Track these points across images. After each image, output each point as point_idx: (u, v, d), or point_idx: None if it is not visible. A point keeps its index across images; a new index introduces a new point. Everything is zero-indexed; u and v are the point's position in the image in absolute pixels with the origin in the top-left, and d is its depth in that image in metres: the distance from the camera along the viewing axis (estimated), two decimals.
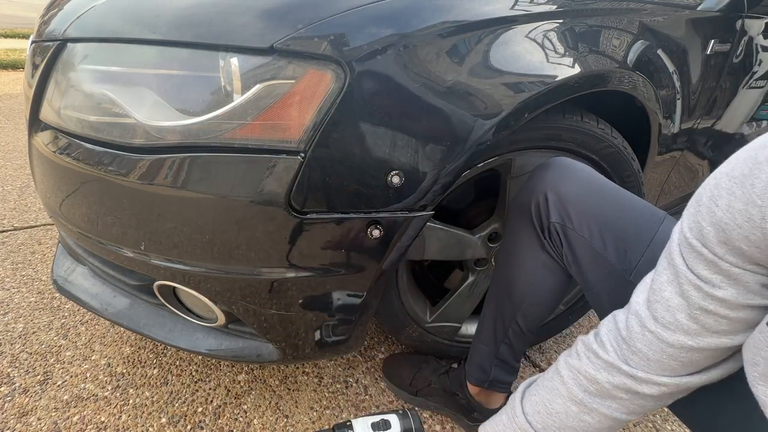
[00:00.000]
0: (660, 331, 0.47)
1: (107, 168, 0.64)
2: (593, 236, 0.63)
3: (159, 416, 0.90)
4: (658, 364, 0.49)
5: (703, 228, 0.42)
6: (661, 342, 0.48)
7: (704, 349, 0.46)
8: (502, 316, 0.79)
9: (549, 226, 0.68)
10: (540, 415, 0.58)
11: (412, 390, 0.97)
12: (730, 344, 0.45)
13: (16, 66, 4.06)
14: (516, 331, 0.79)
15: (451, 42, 0.62)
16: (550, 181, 0.67)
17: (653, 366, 0.49)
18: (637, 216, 0.62)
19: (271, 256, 0.64)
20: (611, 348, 0.53)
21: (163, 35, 0.61)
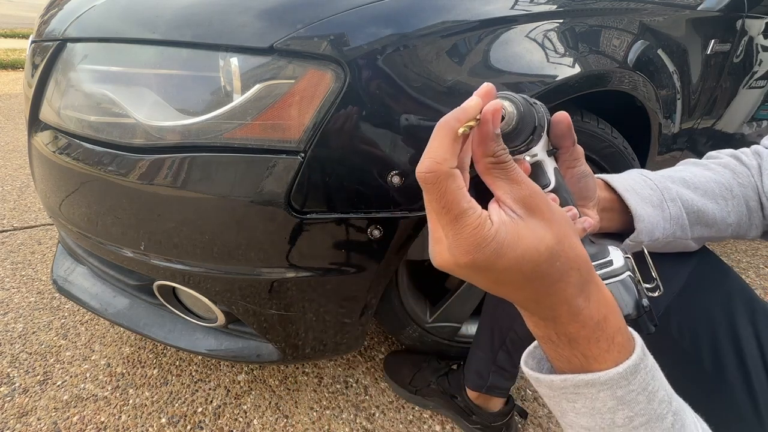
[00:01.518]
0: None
1: (107, 168, 0.64)
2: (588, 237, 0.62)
3: (159, 416, 0.90)
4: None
5: None
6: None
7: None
8: (499, 324, 0.79)
9: None
10: (673, 180, 0.52)
11: (412, 389, 0.97)
12: None
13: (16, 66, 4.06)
14: (514, 338, 0.79)
15: (451, 42, 0.62)
16: None
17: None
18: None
19: (271, 256, 0.64)
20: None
21: (163, 35, 0.60)
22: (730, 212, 0.52)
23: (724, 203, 0.52)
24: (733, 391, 0.50)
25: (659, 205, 0.50)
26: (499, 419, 0.88)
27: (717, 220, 0.52)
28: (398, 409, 0.97)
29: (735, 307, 0.54)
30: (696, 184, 0.52)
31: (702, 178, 0.53)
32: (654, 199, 0.50)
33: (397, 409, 0.97)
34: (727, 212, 0.52)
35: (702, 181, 0.52)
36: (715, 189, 0.52)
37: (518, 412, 0.93)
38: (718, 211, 0.52)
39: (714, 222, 0.52)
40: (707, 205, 0.51)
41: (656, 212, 0.50)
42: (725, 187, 0.52)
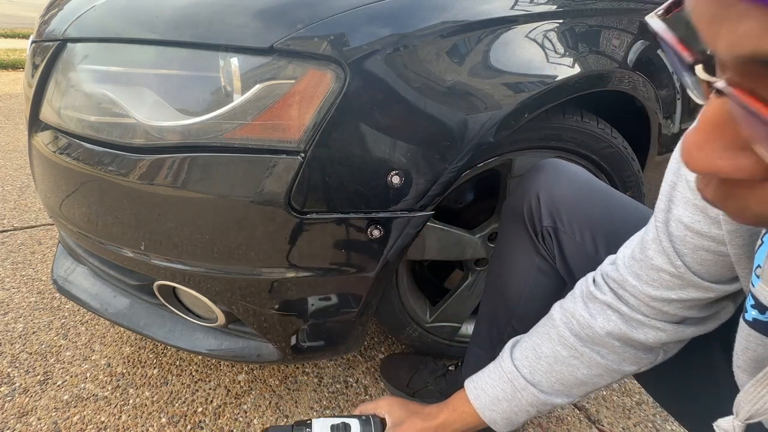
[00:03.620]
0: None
1: (107, 168, 0.64)
2: (584, 239, 0.63)
3: (159, 416, 0.90)
4: (652, 305, 0.48)
5: None
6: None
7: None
8: (497, 320, 0.79)
9: (542, 230, 0.67)
10: (528, 360, 0.57)
11: (410, 391, 0.97)
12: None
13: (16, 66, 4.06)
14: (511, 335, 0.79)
15: (451, 42, 0.62)
16: (542, 184, 0.67)
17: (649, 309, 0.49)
18: (629, 218, 0.62)
19: (271, 256, 0.64)
20: (608, 289, 0.52)
21: (163, 35, 0.61)
22: (591, 366, 0.53)
23: (577, 362, 0.54)
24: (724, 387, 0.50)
25: (513, 396, 0.57)
26: None
27: (583, 379, 0.54)
28: None
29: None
30: (545, 354, 0.55)
31: (548, 344, 0.56)
32: (506, 393, 0.57)
33: None
34: (588, 368, 0.54)
35: (550, 347, 0.55)
36: (561, 352, 0.54)
37: None
38: (577, 371, 0.54)
39: (583, 381, 0.55)
40: (561, 372, 0.55)
41: (513, 403, 0.57)
42: (568, 346, 0.54)
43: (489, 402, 0.58)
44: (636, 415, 0.99)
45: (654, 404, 1.02)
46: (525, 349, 0.58)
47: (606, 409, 1.00)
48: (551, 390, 0.56)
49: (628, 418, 0.98)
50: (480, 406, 0.58)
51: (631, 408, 1.01)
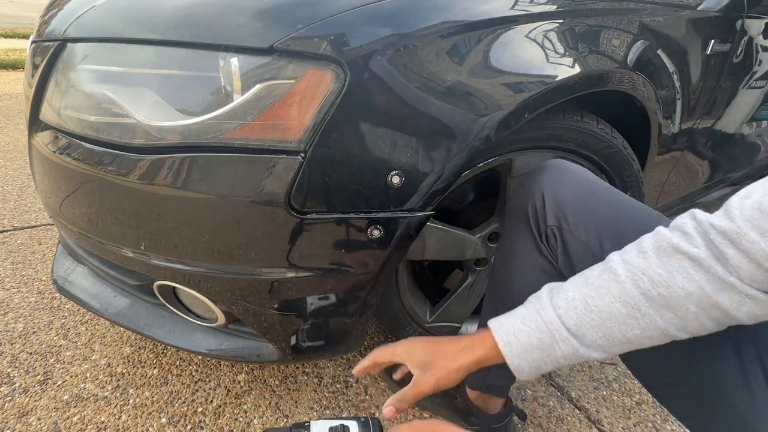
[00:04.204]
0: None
1: (107, 168, 0.64)
2: (590, 238, 0.62)
3: (159, 416, 0.90)
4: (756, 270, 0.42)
5: None
6: None
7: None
8: None
9: (546, 230, 0.67)
10: (576, 311, 0.51)
11: None
12: None
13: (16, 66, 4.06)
14: None
15: (451, 42, 0.62)
16: (546, 184, 0.66)
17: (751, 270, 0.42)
18: (634, 218, 0.62)
19: (271, 256, 0.64)
20: (702, 243, 0.46)
21: (163, 35, 0.61)
22: (645, 328, 0.48)
23: (634, 321, 0.49)
24: (730, 388, 0.50)
25: (549, 347, 0.52)
26: (497, 421, 0.87)
27: (631, 339, 0.50)
28: None
29: None
30: (599, 308, 0.50)
31: (607, 298, 0.50)
32: (543, 343, 0.52)
33: None
34: (643, 329, 0.49)
35: (607, 302, 0.50)
36: (620, 310, 0.49)
37: (517, 414, 0.93)
38: (630, 332, 0.49)
39: (629, 341, 0.50)
40: (613, 330, 0.50)
41: (545, 354, 0.53)
42: (630, 305, 0.48)
43: (521, 350, 0.53)
44: (636, 415, 0.99)
45: (654, 404, 1.02)
46: (572, 300, 0.52)
47: (606, 409, 1.00)
48: (593, 345, 0.51)
49: (628, 418, 0.98)
50: (510, 353, 0.53)
51: (631, 408, 1.01)
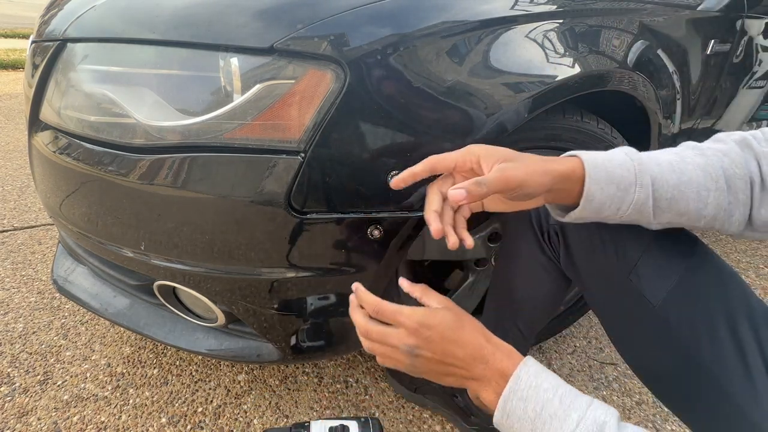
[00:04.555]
0: None
1: (107, 168, 0.64)
2: (592, 236, 0.63)
3: (159, 416, 0.90)
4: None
5: None
6: None
7: None
8: (502, 320, 0.79)
9: (549, 228, 0.68)
10: (660, 167, 0.50)
11: (412, 387, 0.97)
12: None
13: (16, 66, 4.06)
14: (516, 335, 0.79)
15: (451, 42, 0.62)
16: None
17: None
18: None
19: (271, 256, 0.64)
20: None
21: (162, 35, 0.61)
22: (708, 204, 0.49)
23: (706, 193, 0.49)
24: (732, 383, 0.50)
25: (627, 188, 0.50)
26: None
27: (690, 210, 0.50)
28: (398, 409, 0.97)
29: (732, 297, 0.54)
30: (681, 170, 0.50)
31: (691, 165, 0.50)
32: (625, 180, 0.49)
33: (397, 408, 0.97)
34: (704, 204, 0.49)
35: (689, 167, 0.50)
36: (700, 178, 0.49)
37: None
38: (693, 202, 0.50)
39: (686, 211, 0.50)
40: (684, 194, 0.49)
41: (618, 193, 0.50)
42: (711, 177, 0.49)
43: (604, 178, 0.49)
44: (636, 415, 0.99)
45: (654, 404, 1.02)
46: (657, 157, 0.51)
47: None
48: (658, 204, 0.50)
49: (629, 418, 0.98)
50: (593, 175, 0.49)
51: (631, 408, 1.01)
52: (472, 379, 0.49)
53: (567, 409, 0.43)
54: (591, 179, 0.49)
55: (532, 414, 0.44)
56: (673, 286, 0.55)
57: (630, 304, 0.58)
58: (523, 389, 0.45)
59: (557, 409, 0.43)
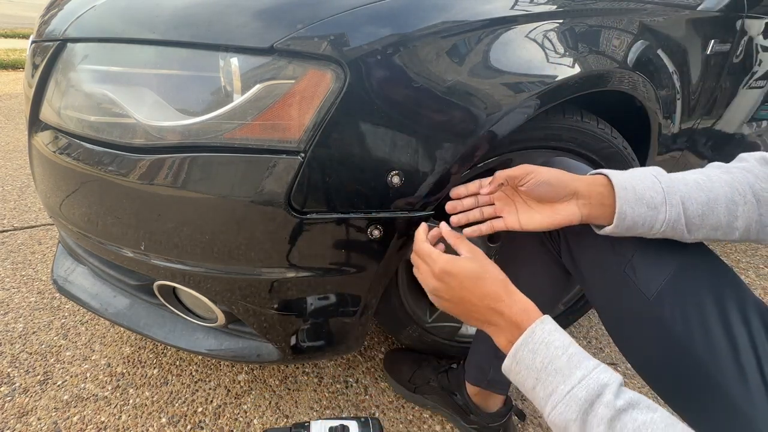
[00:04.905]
0: None
1: (107, 168, 0.64)
2: (591, 231, 0.63)
3: (159, 416, 0.90)
4: None
5: None
6: None
7: None
8: None
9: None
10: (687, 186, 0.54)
11: (411, 387, 0.97)
12: None
13: (16, 66, 4.06)
14: None
15: (451, 42, 0.62)
16: None
17: None
18: None
19: (271, 256, 0.64)
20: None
21: (162, 35, 0.61)
22: (738, 217, 0.53)
23: (735, 207, 0.52)
24: (725, 376, 0.51)
25: (657, 207, 0.53)
26: (496, 420, 0.88)
27: (722, 224, 0.53)
28: (398, 409, 0.97)
29: (724, 292, 0.55)
30: (709, 188, 0.53)
31: (717, 182, 0.54)
32: (654, 200, 0.53)
33: (397, 408, 0.97)
34: (734, 217, 0.53)
35: (716, 185, 0.53)
36: (727, 193, 0.53)
37: (516, 414, 0.93)
38: (724, 216, 0.53)
39: (719, 226, 0.53)
40: (714, 210, 0.53)
41: (650, 213, 0.54)
42: (738, 192, 0.53)
43: (634, 198, 0.53)
44: None
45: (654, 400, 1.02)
46: (683, 177, 0.55)
47: None
48: (690, 220, 0.53)
49: None
50: (624, 197, 0.54)
51: None
52: (489, 324, 0.54)
53: (573, 367, 0.45)
54: (622, 200, 0.53)
55: (539, 365, 0.47)
56: (667, 280, 0.57)
57: (626, 298, 0.60)
58: (536, 342, 0.48)
59: (563, 366, 0.46)
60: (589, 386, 0.44)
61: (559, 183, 0.57)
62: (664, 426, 0.41)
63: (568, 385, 0.45)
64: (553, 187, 0.57)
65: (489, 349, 0.83)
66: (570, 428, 0.44)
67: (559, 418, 0.45)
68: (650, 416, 0.42)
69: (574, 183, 0.57)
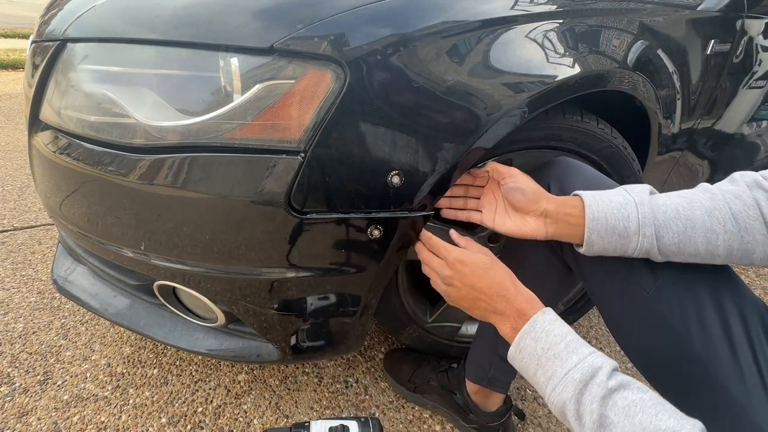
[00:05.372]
0: None
1: (107, 168, 0.64)
2: None
3: (159, 416, 0.90)
4: None
5: None
6: None
7: None
8: None
9: None
10: (666, 215, 0.55)
11: (411, 386, 0.97)
12: None
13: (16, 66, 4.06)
14: None
15: (451, 42, 0.62)
16: (553, 176, 0.70)
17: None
18: None
19: (271, 256, 0.64)
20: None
21: (162, 35, 0.61)
22: (718, 246, 0.53)
23: (714, 236, 0.53)
24: (722, 369, 0.52)
25: (629, 236, 0.56)
26: (496, 419, 0.88)
27: (701, 251, 0.54)
28: (398, 409, 0.97)
29: (722, 289, 0.56)
30: (687, 216, 0.54)
31: (698, 210, 0.54)
32: (628, 230, 0.56)
33: (397, 408, 0.97)
34: (714, 245, 0.53)
35: (697, 213, 0.54)
36: (706, 222, 0.53)
37: (516, 414, 0.93)
38: (702, 245, 0.54)
39: (697, 253, 0.55)
40: (691, 238, 0.54)
41: (621, 241, 0.57)
42: (718, 220, 0.53)
43: (603, 229, 0.57)
44: None
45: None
46: (665, 205, 0.56)
47: None
48: (664, 249, 0.55)
49: None
50: (592, 226, 0.57)
51: None
52: (494, 313, 0.58)
53: (570, 353, 0.50)
54: (590, 230, 0.57)
55: (540, 352, 0.52)
56: (666, 275, 0.58)
57: (626, 293, 0.61)
58: (537, 331, 0.53)
59: (561, 351, 0.50)
60: (584, 369, 0.48)
61: (533, 195, 0.62)
62: (652, 404, 0.44)
63: (565, 368, 0.49)
64: (525, 197, 0.62)
65: (490, 346, 0.83)
66: (567, 407, 0.48)
67: (557, 398, 0.49)
68: (640, 396, 0.45)
69: (546, 202, 0.62)
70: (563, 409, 0.48)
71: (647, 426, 0.42)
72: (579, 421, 0.46)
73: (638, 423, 0.42)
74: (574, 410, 0.47)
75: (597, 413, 0.45)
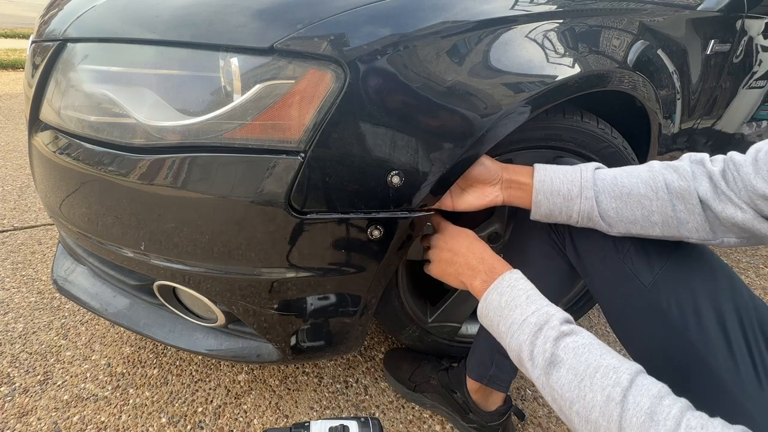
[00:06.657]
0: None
1: (107, 168, 0.64)
2: None
3: (159, 416, 0.90)
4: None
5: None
6: None
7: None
8: None
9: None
10: (604, 182, 0.60)
11: (411, 385, 0.97)
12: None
13: (16, 66, 4.06)
14: None
15: (451, 42, 0.62)
16: None
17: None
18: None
19: (271, 256, 0.64)
20: (720, 160, 0.55)
21: (162, 35, 0.61)
22: (653, 212, 0.57)
23: (648, 203, 0.57)
24: (718, 363, 0.54)
25: (573, 198, 0.61)
26: (495, 419, 0.88)
27: (638, 218, 0.59)
28: (398, 409, 0.97)
29: (718, 283, 0.58)
30: (623, 184, 0.59)
31: (635, 179, 0.59)
32: (571, 193, 0.61)
33: (397, 408, 0.97)
34: (649, 212, 0.58)
35: (633, 181, 0.59)
36: (641, 189, 0.58)
37: (515, 414, 0.93)
38: (638, 210, 0.58)
39: (635, 220, 0.59)
40: (627, 204, 0.59)
41: (565, 203, 0.62)
42: (652, 188, 0.57)
43: (549, 191, 0.63)
44: None
45: None
46: (606, 173, 0.61)
47: None
48: (604, 214, 0.60)
49: None
50: (539, 188, 0.63)
51: None
52: (468, 268, 0.62)
53: (530, 303, 0.54)
54: (536, 191, 0.64)
55: (503, 304, 0.56)
56: (662, 270, 0.60)
57: (625, 287, 0.63)
58: (503, 286, 0.57)
59: (522, 303, 0.55)
60: (539, 314, 0.52)
61: (494, 167, 0.67)
62: (599, 347, 0.49)
63: (523, 315, 0.53)
64: (487, 169, 0.66)
65: (491, 345, 0.83)
66: (522, 348, 0.52)
67: (514, 342, 0.53)
68: (590, 341, 0.50)
69: (504, 171, 0.67)
70: (519, 352, 0.52)
71: (591, 362, 0.47)
72: (532, 362, 0.50)
73: (584, 360, 0.47)
74: (529, 351, 0.51)
75: (549, 352, 0.49)
